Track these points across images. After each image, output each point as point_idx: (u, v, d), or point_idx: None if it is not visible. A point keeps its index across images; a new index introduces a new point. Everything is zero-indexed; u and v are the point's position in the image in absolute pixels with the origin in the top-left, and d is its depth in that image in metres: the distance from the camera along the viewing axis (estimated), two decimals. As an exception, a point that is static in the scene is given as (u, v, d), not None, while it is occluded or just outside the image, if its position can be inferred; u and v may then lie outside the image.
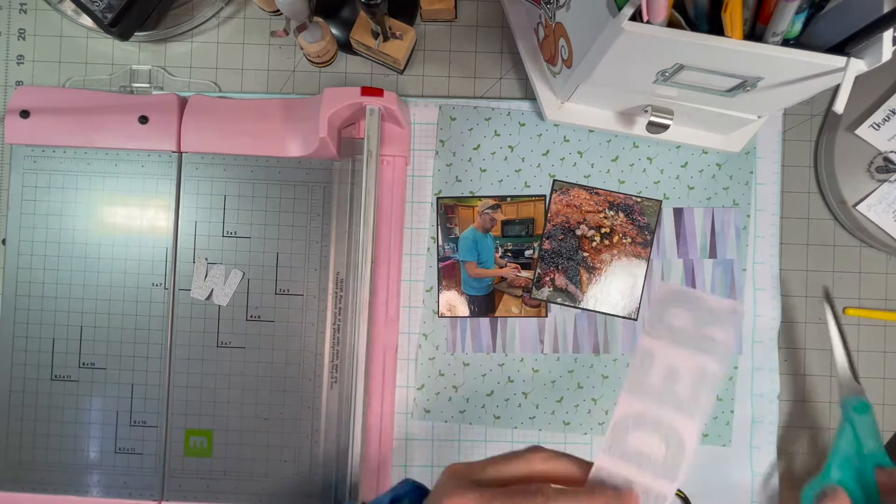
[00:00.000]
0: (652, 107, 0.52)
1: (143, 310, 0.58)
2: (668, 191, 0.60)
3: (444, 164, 0.60)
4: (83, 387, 0.58)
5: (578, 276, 0.60)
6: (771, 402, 0.60)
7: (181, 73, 0.61)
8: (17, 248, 0.58)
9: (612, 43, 0.41)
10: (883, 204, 0.59)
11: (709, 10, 0.41)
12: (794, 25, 0.41)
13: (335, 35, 0.59)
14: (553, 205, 0.60)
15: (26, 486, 0.57)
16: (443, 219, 0.60)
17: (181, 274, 0.58)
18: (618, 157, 0.61)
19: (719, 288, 0.60)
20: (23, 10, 0.61)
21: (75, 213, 0.58)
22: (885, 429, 0.60)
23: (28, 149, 0.58)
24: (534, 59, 0.58)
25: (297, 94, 0.61)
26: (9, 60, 0.61)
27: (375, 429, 0.59)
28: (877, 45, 0.39)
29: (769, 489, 0.59)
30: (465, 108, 0.61)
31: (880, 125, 0.59)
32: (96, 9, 0.55)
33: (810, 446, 0.60)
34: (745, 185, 0.60)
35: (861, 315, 0.60)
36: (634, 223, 0.60)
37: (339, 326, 0.58)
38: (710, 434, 0.59)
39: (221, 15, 0.61)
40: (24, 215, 0.58)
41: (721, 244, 0.60)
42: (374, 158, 0.54)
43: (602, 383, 0.60)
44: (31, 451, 0.57)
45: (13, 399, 0.58)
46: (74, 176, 0.58)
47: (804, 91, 0.45)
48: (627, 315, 0.60)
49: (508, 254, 0.60)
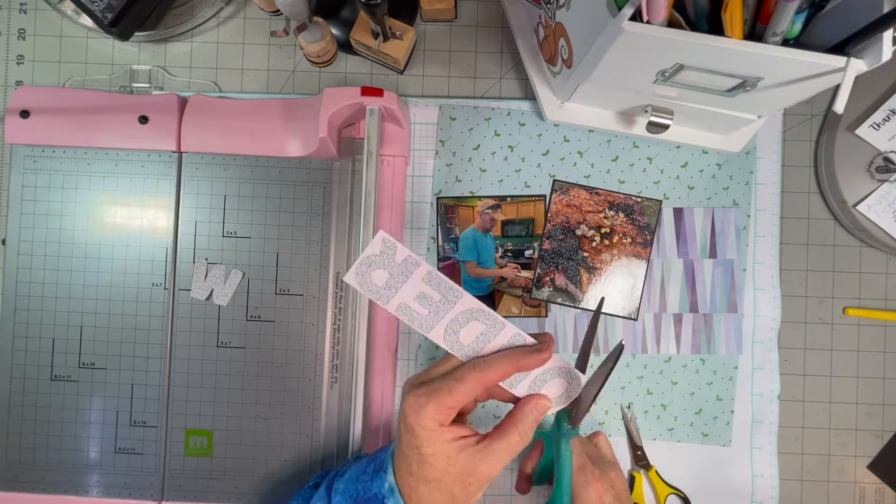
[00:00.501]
0: (652, 107, 0.52)
1: (143, 310, 0.58)
2: (669, 191, 0.60)
3: (444, 164, 0.60)
4: (83, 387, 0.58)
5: (578, 276, 0.60)
6: (771, 402, 0.60)
7: (181, 73, 0.61)
8: (17, 248, 0.58)
9: (612, 43, 0.41)
10: (883, 204, 0.59)
11: (709, 10, 0.41)
12: (794, 25, 0.41)
13: (335, 35, 0.59)
14: (553, 205, 0.60)
15: (26, 485, 0.57)
16: (443, 219, 0.60)
17: (181, 274, 0.58)
18: (618, 157, 0.61)
19: (719, 288, 0.60)
20: (23, 10, 0.61)
21: (75, 213, 0.58)
22: (886, 429, 0.60)
23: (28, 149, 0.58)
24: (534, 59, 0.58)
25: (297, 94, 0.61)
26: (9, 60, 0.61)
27: (375, 428, 0.59)
28: (877, 45, 0.39)
29: (769, 489, 0.59)
30: (465, 108, 0.61)
31: (880, 125, 0.59)
32: (96, 9, 0.55)
33: (811, 446, 0.60)
34: (746, 185, 0.60)
35: (861, 315, 0.60)
36: (634, 223, 0.60)
37: (339, 326, 0.58)
38: (711, 434, 0.59)
39: (221, 15, 0.61)
40: (24, 215, 0.58)
41: (721, 244, 0.60)
42: (374, 158, 0.54)
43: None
44: (31, 451, 0.57)
45: (13, 399, 0.58)
46: (74, 176, 0.58)
47: (804, 91, 0.45)
48: (627, 315, 0.60)
49: (508, 254, 0.60)
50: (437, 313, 0.40)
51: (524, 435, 0.40)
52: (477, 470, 0.39)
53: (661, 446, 0.60)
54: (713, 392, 0.60)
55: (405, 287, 0.40)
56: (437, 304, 0.40)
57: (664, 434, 0.60)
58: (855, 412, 0.60)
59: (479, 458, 0.39)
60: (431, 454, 0.39)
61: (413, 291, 0.40)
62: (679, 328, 0.60)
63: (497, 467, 0.39)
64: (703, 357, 0.60)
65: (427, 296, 0.40)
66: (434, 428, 0.39)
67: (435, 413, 0.38)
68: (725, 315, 0.60)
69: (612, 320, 0.60)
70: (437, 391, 0.39)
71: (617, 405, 0.60)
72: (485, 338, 0.40)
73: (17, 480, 0.57)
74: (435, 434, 0.39)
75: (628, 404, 0.60)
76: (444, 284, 0.40)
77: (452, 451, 0.39)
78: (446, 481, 0.39)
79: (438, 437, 0.39)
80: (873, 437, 0.60)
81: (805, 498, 0.60)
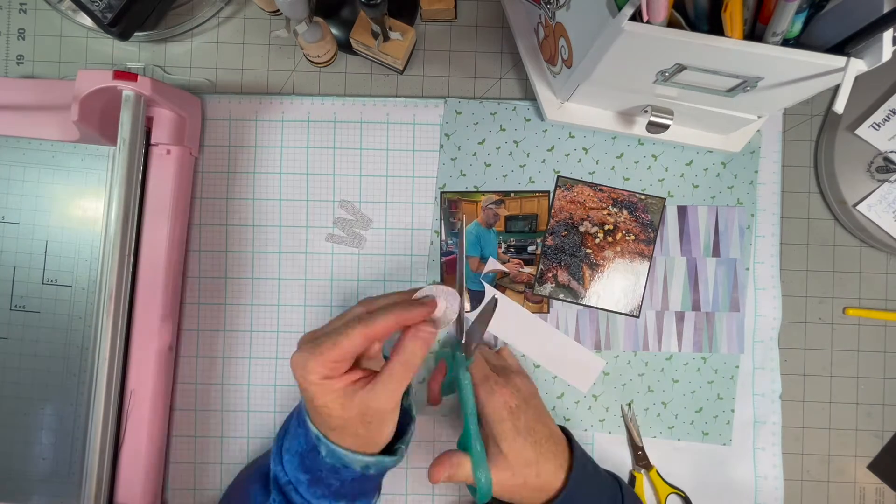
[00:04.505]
0: (652, 107, 0.52)
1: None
2: (673, 188, 0.60)
3: (448, 158, 0.60)
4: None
5: (581, 273, 0.60)
6: (773, 401, 0.60)
7: (181, 73, 0.61)
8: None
9: (612, 43, 0.41)
10: (883, 204, 0.58)
11: (709, 10, 0.41)
12: (794, 25, 0.41)
13: (335, 35, 0.59)
14: (557, 201, 0.60)
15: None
16: (446, 213, 0.60)
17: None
18: (622, 155, 0.61)
19: (722, 286, 0.60)
20: (23, 10, 0.61)
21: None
22: (886, 429, 0.60)
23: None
24: (534, 59, 0.58)
25: (296, 95, 0.61)
26: (9, 60, 0.61)
27: (146, 428, 0.55)
28: (877, 45, 0.39)
29: (773, 490, 0.59)
30: (470, 102, 0.61)
31: (880, 125, 0.58)
32: (96, 8, 0.55)
33: (811, 446, 0.60)
34: (750, 184, 0.60)
35: (861, 315, 0.60)
36: (638, 220, 0.60)
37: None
38: (711, 433, 0.60)
39: (221, 15, 0.61)
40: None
41: (724, 243, 0.60)
42: (127, 146, 0.51)
43: (603, 380, 0.60)
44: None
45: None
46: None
47: (804, 91, 0.45)
48: (629, 312, 0.60)
49: (511, 249, 0.60)
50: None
51: (407, 364, 0.42)
52: (370, 408, 0.41)
53: (661, 444, 0.60)
54: (714, 391, 0.60)
55: None
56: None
57: (664, 432, 0.60)
58: (855, 412, 0.60)
59: (370, 398, 0.41)
60: (323, 405, 0.41)
61: None
62: (681, 326, 0.60)
63: (389, 399, 0.41)
64: (705, 355, 0.60)
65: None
66: (320, 382, 0.40)
67: (319, 367, 0.40)
68: (727, 314, 0.60)
69: (614, 317, 0.60)
70: (319, 346, 0.40)
71: (618, 403, 0.60)
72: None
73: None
74: (323, 387, 0.40)
75: (628, 404, 0.60)
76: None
77: (344, 399, 0.41)
78: (349, 426, 0.42)
79: (327, 390, 0.40)
80: (873, 437, 0.60)
81: (805, 498, 0.60)
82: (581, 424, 0.60)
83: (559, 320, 0.60)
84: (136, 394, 0.54)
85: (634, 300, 0.60)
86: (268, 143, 0.60)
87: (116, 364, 0.52)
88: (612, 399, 0.60)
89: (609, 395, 0.60)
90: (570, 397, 0.60)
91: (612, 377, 0.60)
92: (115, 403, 0.52)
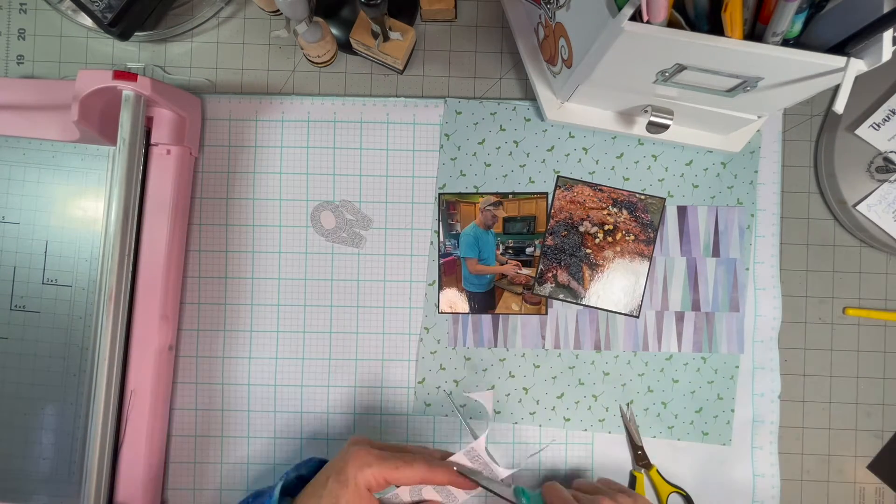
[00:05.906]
0: (652, 107, 0.52)
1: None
2: (673, 188, 0.60)
3: (448, 158, 0.60)
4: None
5: (581, 273, 0.60)
6: (772, 401, 0.60)
7: (181, 73, 0.61)
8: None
9: (612, 43, 0.41)
10: (883, 204, 0.58)
11: (709, 10, 0.41)
12: (794, 25, 0.41)
13: (335, 35, 0.59)
14: (557, 201, 0.60)
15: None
16: (444, 215, 0.60)
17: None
18: (622, 155, 0.61)
19: (722, 286, 0.60)
20: (23, 10, 0.61)
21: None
22: (886, 429, 0.60)
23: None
24: (534, 59, 0.58)
25: (296, 95, 0.61)
26: (9, 60, 0.61)
27: (146, 428, 0.54)
28: (877, 45, 0.39)
29: (770, 489, 0.59)
30: (470, 102, 0.61)
31: (880, 125, 0.58)
32: (96, 9, 0.55)
33: (811, 446, 0.60)
34: (750, 184, 0.60)
35: (861, 315, 0.60)
36: (638, 220, 0.60)
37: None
38: (711, 433, 0.60)
39: (221, 15, 0.61)
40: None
41: (724, 243, 0.60)
42: (126, 146, 0.51)
43: (603, 380, 0.60)
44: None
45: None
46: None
47: (804, 91, 0.45)
48: (629, 312, 0.60)
49: (510, 251, 0.60)
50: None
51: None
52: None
53: (660, 444, 0.60)
54: (714, 391, 0.60)
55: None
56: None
57: (664, 432, 0.60)
58: (855, 412, 0.60)
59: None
60: (345, 501, 0.42)
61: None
62: (681, 326, 0.60)
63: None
64: (705, 356, 0.60)
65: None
66: (363, 489, 0.42)
67: (374, 477, 0.42)
68: (727, 314, 0.60)
69: (614, 317, 0.60)
70: (386, 460, 0.42)
71: (617, 403, 0.60)
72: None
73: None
74: (360, 495, 0.42)
75: (627, 404, 0.60)
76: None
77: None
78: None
79: (362, 494, 0.42)
80: (873, 437, 0.60)
81: (805, 498, 0.60)
82: (581, 424, 0.60)
83: (559, 320, 0.60)
84: (136, 394, 0.54)
85: (634, 300, 0.60)
86: (268, 143, 0.60)
87: (116, 364, 0.52)
88: (612, 399, 0.60)
89: (609, 395, 0.60)
90: (570, 397, 0.60)
91: (612, 377, 0.60)
92: (114, 403, 0.52)
